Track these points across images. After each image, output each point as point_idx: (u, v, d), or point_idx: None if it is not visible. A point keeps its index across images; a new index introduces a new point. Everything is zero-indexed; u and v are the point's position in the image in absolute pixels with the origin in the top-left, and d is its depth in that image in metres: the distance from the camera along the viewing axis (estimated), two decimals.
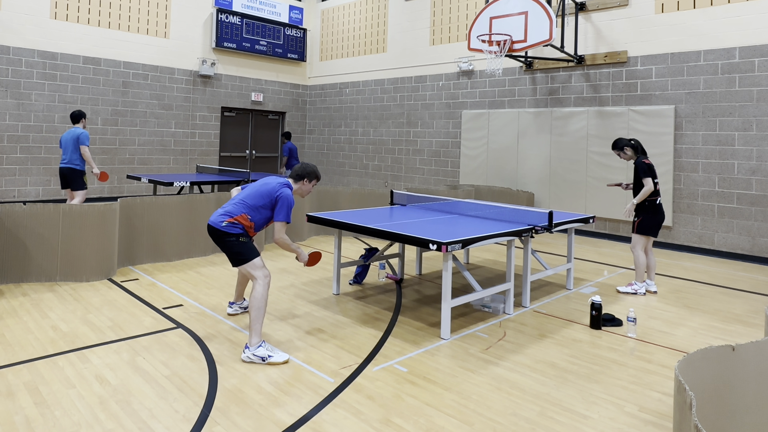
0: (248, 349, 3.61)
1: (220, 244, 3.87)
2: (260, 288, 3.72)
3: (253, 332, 3.64)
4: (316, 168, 4.14)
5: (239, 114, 13.39)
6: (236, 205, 3.89)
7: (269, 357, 3.58)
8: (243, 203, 3.89)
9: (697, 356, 2.35)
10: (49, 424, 2.75)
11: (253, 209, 3.86)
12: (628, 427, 2.90)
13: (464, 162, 10.82)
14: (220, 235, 3.82)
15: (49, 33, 10.26)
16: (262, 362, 3.57)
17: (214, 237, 3.88)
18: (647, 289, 5.61)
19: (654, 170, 5.47)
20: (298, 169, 4.08)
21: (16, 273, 5.21)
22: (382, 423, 2.86)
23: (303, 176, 4.07)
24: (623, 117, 8.58)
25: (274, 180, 3.99)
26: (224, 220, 3.82)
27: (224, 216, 3.85)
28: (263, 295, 3.71)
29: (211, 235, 3.90)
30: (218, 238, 3.85)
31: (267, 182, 3.97)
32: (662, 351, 3.99)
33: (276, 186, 3.92)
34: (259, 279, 3.75)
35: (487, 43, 8.19)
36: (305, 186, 4.09)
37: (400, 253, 5.85)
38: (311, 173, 4.09)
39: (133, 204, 6.06)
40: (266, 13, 13.54)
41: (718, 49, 7.71)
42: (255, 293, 3.71)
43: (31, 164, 10.08)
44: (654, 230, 5.47)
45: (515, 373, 3.53)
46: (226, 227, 3.81)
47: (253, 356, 3.58)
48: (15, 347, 3.71)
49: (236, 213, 3.85)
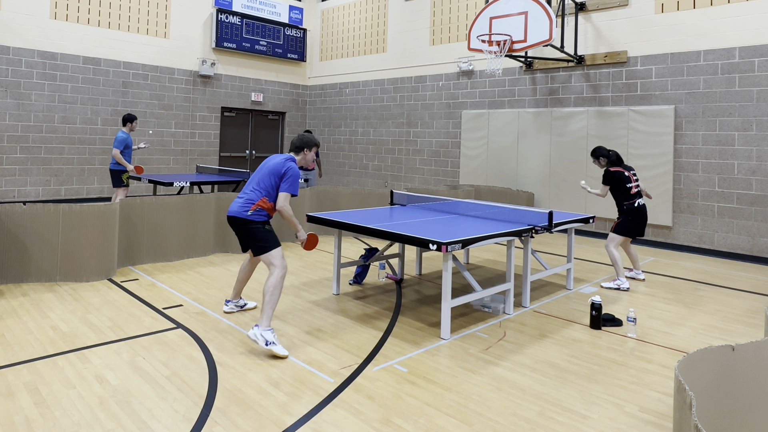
0: (258, 327, 3.70)
1: (243, 233, 3.96)
2: (277, 276, 3.83)
3: (265, 315, 3.74)
4: (312, 136, 4.22)
5: (239, 114, 13.39)
6: (253, 191, 3.99)
7: (272, 344, 3.66)
8: (258, 188, 3.98)
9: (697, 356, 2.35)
10: (49, 424, 2.75)
11: (268, 190, 3.97)
12: (628, 427, 2.90)
13: (464, 162, 10.82)
14: (244, 223, 3.92)
15: (49, 33, 10.26)
16: (265, 345, 3.64)
17: (238, 227, 3.96)
18: (635, 277, 6.07)
19: (623, 178, 5.83)
20: (296, 141, 4.16)
21: (16, 273, 5.21)
22: (382, 423, 2.86)
23: (302, 147, 4.15)
24: (623, 117, 8.58)
25: (277, 157, 4.08)
26: (248, 208, 3.93)
27: (247, 204, 3.94)
28: (278, 283, 3.82)
29: (233, 225, 3.98)
30: (242, 227, 3.94)
31: (271, 160, 4.07)
32: (662, 351, 3.99)
33: (281, 161, 4.01)
34: (277, 268, 3.87)
35: (487, 43, 8.19)
36: (308, 155, 4.17)
37: (400, 253, 5.84)
38: (309, 142, 4.17)
39: (133, 204, 6.06)
40: (266, 13, 13.54)
41: (718, 49, 7.71)
42: (271, 280, 3.82)
43: (31, 164, 10.08)
44: (632, 232, 5.83)
45: (515, 373, 3.53)
46: (253, 216, 3.93)
47: (260, 335, 3.67)
48: (15, 347, 3.71)
49: (256, 198, 3.96)
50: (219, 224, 6.86)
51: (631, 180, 5.86)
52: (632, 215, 5.78)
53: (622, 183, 5.82)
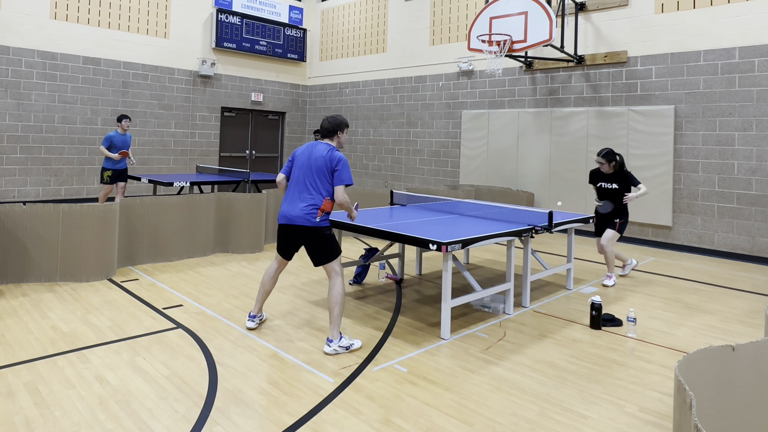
0: (332, 342, 3.73)
1: (310, 241, 3.77)
2: (341, 285, 3.80)
3: (336, 326, 3.75)
4: (341, 116, 3.99)
5: (239, 114, 13.39)
6: (312, 194, 3.75)
7: (351, 345, 3.77)
8: (315, 188, 3.75)
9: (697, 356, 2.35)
10: (49, 424, 2.75)
11: (326, 188, 3.77)
12: (628, 427, 2.90)
13: (464, 162, 10.82)
14: (313, 232, 3.72)
15: (49, 33, 10.26)
16: (347, 351, 3.75)
17: (302, 235, 3.77)
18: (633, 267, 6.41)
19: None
20: (327, 125, 3.92)
21: (16, 273, 5.21)
22: (382, 423, 2.86)
23: (334, 131, 3.93)
24: (623, 117, 8.58)
25: (318, 150, 3.82)
26: (316, 214, 3.72)
27: (313, 209, 3.72)
28: (344, 291, 3.81)
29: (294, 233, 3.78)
30: (309, 236, 3.74)
31: (315, 157, 3.80)
32: (662, 351, 3.99)
33: (326, 154, 3.77)
34: (340, 275, 3.82)
35: (487, 43, 8.19)
36: (341, 138, 3.96)
37: (400, 253, 5.84)
38: (341, 123, 3.94)
39: (133, 204, 6.06)
40: (266, 13, 13.54)
41: (718, 49, 7.71)
42: (337, 289, 3.76)
43: (31, 164, 10.08)
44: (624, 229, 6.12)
45: (515, 373, 3.53)
46: (322, 222, 3.74)
47: (338, 348, 3.73)
48: (15, 347, 3.71)
49: (320, 202, 3.74)
50: (219, 224, 6.86)
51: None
52: (628, 214, 6.07)
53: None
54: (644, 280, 6.16)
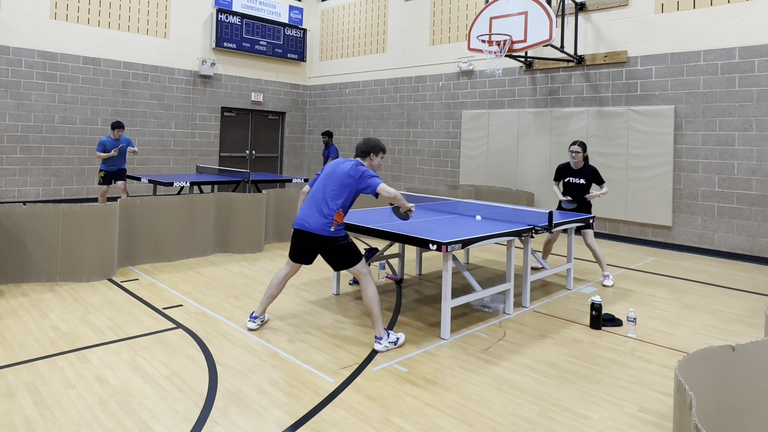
0: (382, 340, 3.81)
1: (326, 250, 3.83)
2: (372, 284, 3.87)
3: (379, 324, 3.82)
4: (379, 140, 4.04)
5: (239, 114, 13.39)
6: (328, 204, 3.81)
7: (398, 339, 3.88)
8: (332, 199, 3.81)
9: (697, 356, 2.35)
10: (49, 424, 2.75)
11: (344, 203, 3.83)
12: (628, 427, 2.90)
13: (464, 162, 10.82)
14: (329, 241, 3.79)
15: (49, 33, 10.26)
16: (395, 346, 3.85)
17: (317, 244, 3.83)
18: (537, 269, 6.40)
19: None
20: (362, 145, 3.96)
21: (16, 273, 5.21)
22: (382, 423, 2.86)
23: (368, 152, 3.95)
24: (623, 117, 8.58)
25: (343, 164, 3.88)
26: (330, 225, 3.78)
27: (327, 220, 3.79)
28: (376, 290, 3.87)
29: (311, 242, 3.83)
30: (324, 245, 3.81)
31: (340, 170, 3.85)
32: (662, 351, 3.99)
33: (351, 167, 3.82)
34: (368, 276, 3.88)
35: (487, 43, 8.19)
36: (374, 161, 3.97)
37: (400, 253, 5.84)
38: (376, 146, 3.97)
39: (133, 204, 6.06)
40: (266, 13, 13.54)
41: (718, 49, 7.71)
42: (370, 290, 3.83)
43: (31, 164, 10.08)
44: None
45: (515, 373, 3.53)
46: (336, 231, 3.81)
47: (389, 344, 3.82)
48: (15, 347, 3.71)
49: (334, 212, 3.80)
50: (219, 224, 6.86)
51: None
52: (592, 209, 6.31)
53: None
54: (644, 280, 6.17)
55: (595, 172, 6.02)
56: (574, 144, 6.04)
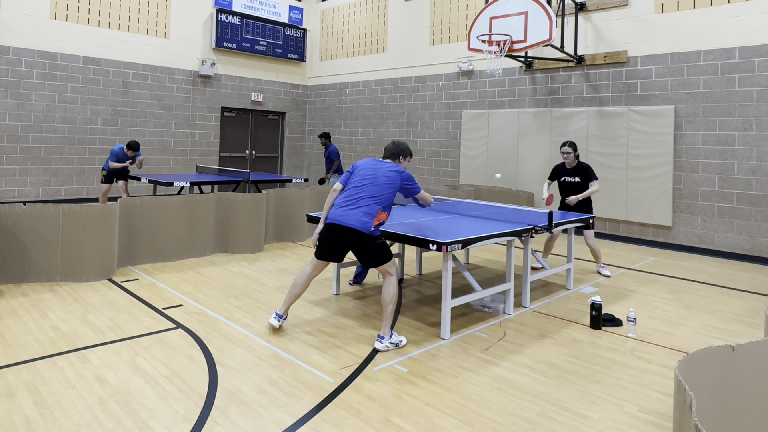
0: (384, 339, 3.84)
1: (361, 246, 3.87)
2: (394, 284, 3.92)
3: (388, 323, 3.86)
4: (407, 145, 4.21)
5: (239, 114, 13.39)
6: (370, 204, 3.88)
7: (400, 342, 3.90)
8: (376, 200, 3.90)
9: (697, 356, 2.35)
10: (49, 424, 2.75)
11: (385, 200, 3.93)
12: (628, 427, 2.90)
13: (464, 162, 10.82)
14: (366, 238, 3.83)
15: (49, 33, 10.26)
16: (396, 347, 3.87)
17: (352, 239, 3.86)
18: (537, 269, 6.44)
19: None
20: (392, 148, 4.13)
21: (16, 273, 5.21)
22: (382, 423, 2.86)
23: (398, 155, 4.12)
24: (623, 117, 8.58)
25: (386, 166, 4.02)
26: (371, 223, 3.83)
27: (369, 218, 3.84)
28: (396, 290, 3.92)
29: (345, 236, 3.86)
30: (361, 241, 3.85)
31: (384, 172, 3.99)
32: (662, 351, 3.99)
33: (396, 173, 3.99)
34: (394, 275, 3.94)
35: (487, 43, 8.19)
36: (404, 163, 4.19)
37: (400, 253, 5.84)
38: (405, 150, 4.17)
39: (133, 204, 6.06)
40: (266, 13, 13.54)
41: (718, 49, 7.71)
42: (391, 289, 3.89)
43: (31, 164, 10.08)
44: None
45: (515, 373, 3.53)
46: (376, 230, 3.89)
47: (390, 344, 3.84)
48: (15, 347, 3.71)
49: (375, 212, 3.88)
50: (219, 224, 6.86)
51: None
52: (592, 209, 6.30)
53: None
54: (644, 280, 6.17)
55: (586, 169, 6.16)
56: (564, 145, 6.19)
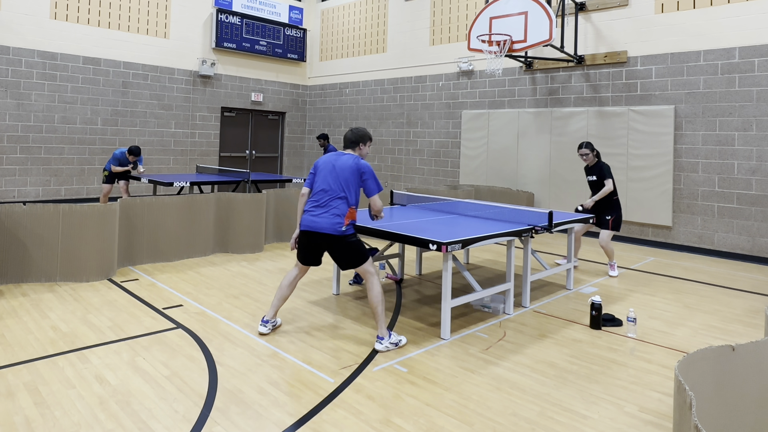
0: (384, 340, 3.84)
1: (336, 249, 3.82)
2: (378, 284, 3.90)
3: (383, 324, 3.86)
4: (366, 130, 4.07)
5: (239, 114, 13.39)
6: (338, 204, 3.79)
7: (399, 341, 3.90)
8: (340, 197, 3.80)
9: (697, 356, 2.35)
10: (49, 424, 2.75)
11: (351, 197, 3.83)
12: (628, 427, 2.90)
13: (464, 162, 10.82)
14: (339, 240, 3.77)
15: (49, 33, 10.26)
16: (396, 347, 3.86)
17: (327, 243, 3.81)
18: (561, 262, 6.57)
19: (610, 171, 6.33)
20: (351, 136, 3.97)
21: (16, 273, 5.21)
22: (382, 423, 2.86)
23: (357, 142, 3.99)
24: (623, 117, 8.58)
25: (343, 160, 3.87)
26: (341, 223, 3.76)
27: (338, 218, 3.76)
28: (381, 290, 3.89)
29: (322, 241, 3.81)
30: (335, 244, 3.79)
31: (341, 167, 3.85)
32: (662, 351, 3.99)
33: (354, 163, 3.83)
34: (375, 275, 3.90)
35: (487, 43, 8.19)
36: (363, 150, 4.02)
37: (400, 253, 5.84)
38: (364, 135, 4.00)
39: (133, 204, 6.06)
40: (266, 13, 13.54)
41: (718, 49, 7.71)
42: (375, 289, 3.86)
43: (31, 164, 10.08)
44: (620, 226, 6.36)
45: (515, 373, 3.53)
46: (347, 230, 3.81)
47: (390, 344, 3.84)
48: (15, 347, 3.71)
49: (345, 211, 3.79)
50: (219, 224, 6.86)
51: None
52: (619, 209, 6.31)
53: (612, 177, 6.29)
54: (644, 280, 6.16)
55: (601, 168, 6.27)
56: (580, 147, 6.34)
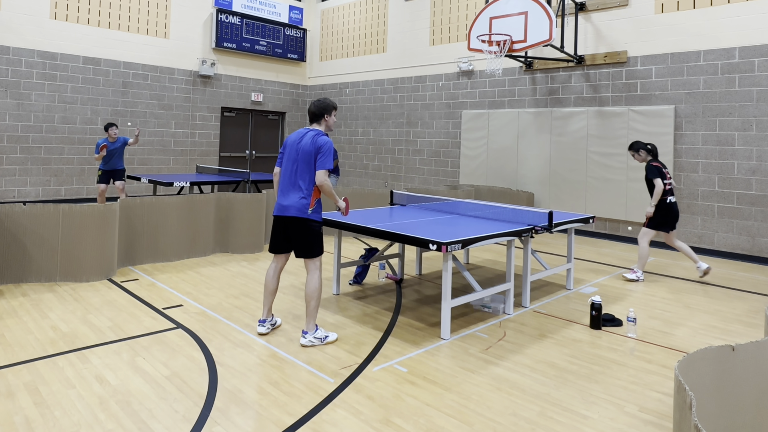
0: (308, 334, 3.83)
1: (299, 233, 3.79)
2: (319, 279, 3.89)
3: (312, 319, 3.83)
4: (328, 100, 3.97)
5: (239, 114, 13.39)
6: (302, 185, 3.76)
7: (326, 337, 3.86)
8: (303, 178, 3.76)
9: (697, 356, 2.35)
10: (49, 424, 2.75)
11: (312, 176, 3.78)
12: (628, 427, 2.90)
13: (464, 162, 10.82)
14: (303, 223, 3.75)
15: (49, 33, 10.26)
16: (321, 343, 3.85)
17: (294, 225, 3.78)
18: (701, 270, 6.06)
19: (663, 172, 6.04)
20: (314, 108, 3.92)
21: (16, 273, 5.21)
22: (382, 423, 2.86)
23: (321, 114, 3.93)
24: (623, 117, 8.58)
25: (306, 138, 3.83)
26: (308, 205, 3.73)
27: (305, 200, 3.73)
28: (320, 285, 3.90)
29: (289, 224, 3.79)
30: (300, 227, 3.76)
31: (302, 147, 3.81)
32: (662, 351, 3.99)
33: (312, 138, 3.79)
34: (318, 270, 3.90)
35: (487, 43, 8.19)
36: (329, 121, 3.96)
37: (400, 253, 5.84)
38: (328, 106, 3.94)
39: (133, 204, 6.06)
40: (266, 14, 13.54)
41: (718, 49, 7.71)
42: (314, 283, 3.85)
43: (31, 164, 10.08)
44: (663, 226, 6.06)
45: (515, 373, 3.53)
46: (313, 213, 3.78)
47: (314, 339, 3.82)
48: (15, 347, 3.71)
49: (310, 190, 3.75)
50: (219, 224, 6.86)
51: (666, 176, 6.04)
52: (664, 210, 6.00)
53: (662, 178, 5.98)
54: (645, 279, 6.16)
55: (646, 168, 6.07)
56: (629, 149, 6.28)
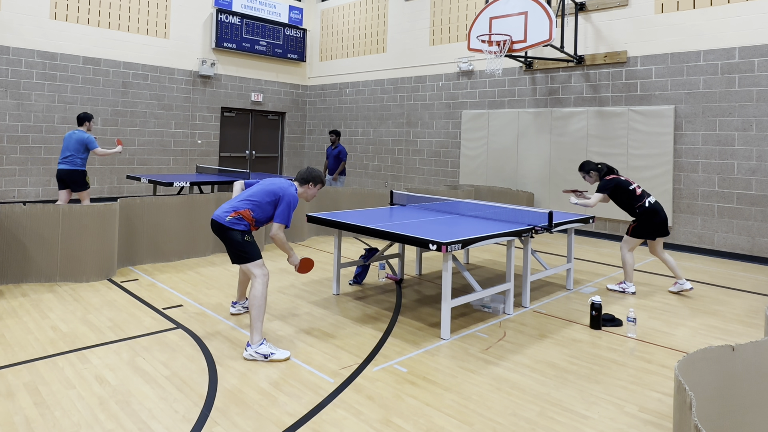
0: (250, 347, 3.65)
1: (222, 238, 3.91)
2: (260, 286, 3.75)
3: (255, 330, 3.67)
4: (321, 173, 4.21)
5: (239, 114, 13.39)
6: (241, 202, 3.94)
7: (271, 354, 3.62)
8: (248, 200, 3.94)
9: (697, 356, 2.34)
10: (49, 424, 2.75)
11: (257, 206, 3.91)
12: (628, 427, 2.90)
13: (464, 162, 10.82)
14: (223, 229, 3.86)
15: (48, 33, 10.26)
16: (264, 359, 3.61)
17: (218, 231, 3.91)
18: (681, 289, 5.54)
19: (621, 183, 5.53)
20: (304, 173, 4.15)
21: (16, 273, 5.21)
22: (382, 423, 2.86)
23: (309, 180, 4.13)
24: (623, 117, 8.58)
25: (281, 180, 4.07)
26: (228, 215, 3.87)
27: (229, 211, 3.89)
28: (263, 293, 3.74)
29: (214, 229, 3.93)
30: (221, 233, 3.88)
31: (274, 182, 4.04)
32: (662, 351, 3.99)
33: (279, 185, 3.99)
34: (258, 277, 3.78)
35: (487, 43, 8.19)
36: (310, 190, 4.15)
37: (400, 254, 5.84)
38: (317, 177, 4.15)
39: (133, 204, 6.06)
40: (266, 14, 13.54)
41: (718, 49, 7.71)
42: (255, 291, 3.74)
43: (31, 164, 10.08)
44: (648, 234, 5.52)
45: (515, 373, 3.53)
46: (231, 222, 3.85)
47: (255, 353, 3.62)
48: (15, 347, 3.71)
49: (240, 208, 3.90)
50: None
51: (630, 182, 5.57)
52: (648, 216, 5.46)
53: (622, 188, 5.51)
54: (644, 280, 6.16)
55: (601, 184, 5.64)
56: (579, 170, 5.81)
